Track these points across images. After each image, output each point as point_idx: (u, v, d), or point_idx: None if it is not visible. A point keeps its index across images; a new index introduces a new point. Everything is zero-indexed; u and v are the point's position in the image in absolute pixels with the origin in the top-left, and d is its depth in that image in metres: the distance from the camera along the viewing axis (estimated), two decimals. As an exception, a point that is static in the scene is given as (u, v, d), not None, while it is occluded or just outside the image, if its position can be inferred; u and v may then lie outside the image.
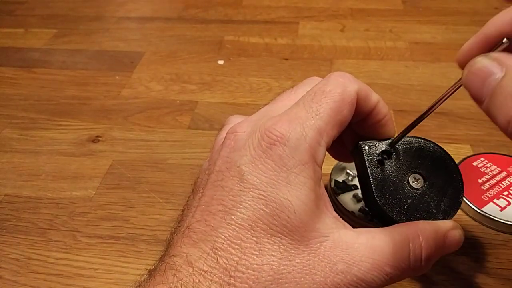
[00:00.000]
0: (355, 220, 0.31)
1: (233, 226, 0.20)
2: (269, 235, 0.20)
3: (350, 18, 0.62)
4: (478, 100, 0.19)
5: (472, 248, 0.32)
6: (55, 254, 0.32)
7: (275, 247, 0.20)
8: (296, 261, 0.20)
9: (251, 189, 0.21)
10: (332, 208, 0.23)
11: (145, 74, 0.52)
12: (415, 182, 0.25)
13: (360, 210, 0.33)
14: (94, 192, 0.37)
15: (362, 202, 0.34)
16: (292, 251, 0.20)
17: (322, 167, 0.23)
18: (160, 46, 0.57)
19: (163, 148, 0.41)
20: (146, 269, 0.22)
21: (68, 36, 0.60)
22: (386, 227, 0.23)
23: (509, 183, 0.35)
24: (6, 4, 0.68)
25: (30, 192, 0.37)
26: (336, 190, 0.35)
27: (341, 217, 0.32)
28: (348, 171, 0.36)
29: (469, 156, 0.37)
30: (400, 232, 0.22)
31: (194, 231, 0.21)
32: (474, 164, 0.37)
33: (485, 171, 0.36)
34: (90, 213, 0.35)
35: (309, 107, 0.22)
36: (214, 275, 0.19)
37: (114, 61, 0.55)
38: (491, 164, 0.37)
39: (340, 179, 0.36)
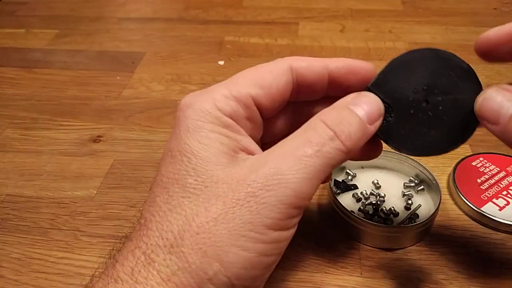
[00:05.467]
0: (355, 220, 0.31)
1: (153, 187, 0.22)
2: (174, 180, 0.21)
3: (350, 19, 0.62)
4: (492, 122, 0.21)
5: (471, 248, 0.32)
6: (56, 253, 0.32)
7: (181, 190, 0.21)
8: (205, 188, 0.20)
9: (166, 149, 0.23)
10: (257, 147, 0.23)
11: (146, 74, 0.52)
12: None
13: (359, 209, 0.33)
14: (95, 192, 0.37)
15: (362, 201, 0.34)
16: (200, 192, 0.20)
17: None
18: (161, 47, 0.57)
19: (163, 148, 0.41)
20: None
21: (69, 37, 0.60)
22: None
23: (508, 182, 0.35)
24: (7, 4, 0.68)
25: (31, 191, 0.37)
26: (335, 190, 0.35)
27: (341, 217, 0.32)
28: (347, 170, 0.36)
29: (468, 156, 0.37)
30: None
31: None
32: (473, 164, 0.37)
33: (484, 171, 0.36)
34: (91, 213, 0.35)
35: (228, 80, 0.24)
36: (135, 230, 0.21)
37: (115, 61, 0.55)
38: (490, 164, 0.37)
39: (340, 179, 0.36)
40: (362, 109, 0.22)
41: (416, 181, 0.35)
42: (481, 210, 0.33)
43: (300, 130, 0.22)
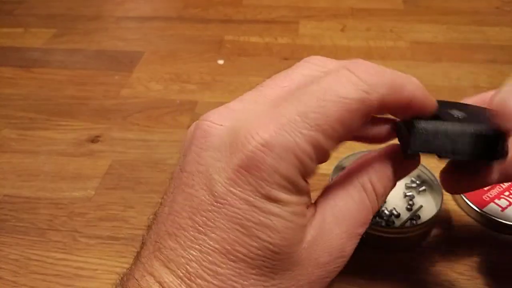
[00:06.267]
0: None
1: (206, 249, 0.18)
2: (249, 259, 0.18)
3: (351, 18, 0.62)
4: None
5: (473, 249, 0.31)
6: (54, 254, 0.32)
7: (256, 270, 0.18)
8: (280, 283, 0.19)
9: (225, 206, 0.18)
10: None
11: (145, 73, 0.52)
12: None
13: (360, 210, 0.33)
14: (93, 193, 0.37)
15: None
16: (276, 275, 0.18)
17: (323, 167, 0.22)
18: (159, 46, 0.57)
19: (162, 148, 0.41)
20: (119, 276, 0.20)
21: (67, 36, 0.60)
22: (336, 183, 0.22)
23: (510, 183, 0.35)
24: (5, 3, 0.68)
25: (29, 192, 0.37)
26: (336, 190, 0.34)
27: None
28: (348, 171, 0.36)
29: (470, 156, 0.37)
30: (351, 183, 0.21)
31: (165, 246, 0.19)
32: (475, 164, 0.37)
33: (486, 171, 0.36)
34: (89, 214, 0.35)
35: (309, 111, 0.18)
36: None
37: (113, 60, 0.54)
38: (492, 164, 0.36)
39: (341, 179, 0.35)
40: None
41: (417, 182, 0.35)
42: (483, 211, 0.33)
43: (358, 198, 0.21)
